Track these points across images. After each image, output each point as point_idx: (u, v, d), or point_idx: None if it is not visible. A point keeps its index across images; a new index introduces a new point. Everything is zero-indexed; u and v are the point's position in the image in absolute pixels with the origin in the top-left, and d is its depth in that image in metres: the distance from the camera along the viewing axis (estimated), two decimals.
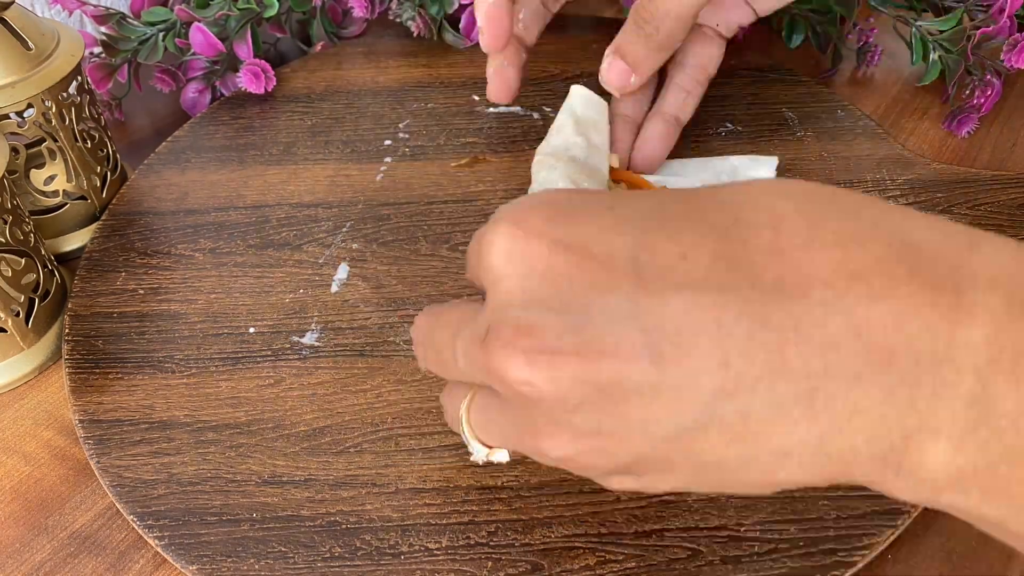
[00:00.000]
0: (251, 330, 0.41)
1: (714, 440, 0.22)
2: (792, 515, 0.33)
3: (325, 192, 0.48)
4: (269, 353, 0.40)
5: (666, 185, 0.45)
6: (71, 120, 0.44)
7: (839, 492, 0.34)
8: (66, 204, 0.47)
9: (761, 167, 0.47)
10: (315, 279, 0.43)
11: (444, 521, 0.34)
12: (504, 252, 0.24)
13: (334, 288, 0.43)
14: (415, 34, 0.59)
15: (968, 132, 0.51)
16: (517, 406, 0.24)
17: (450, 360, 0.27)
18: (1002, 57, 0.51)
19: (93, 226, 0.47)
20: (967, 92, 0.52)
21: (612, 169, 0.45)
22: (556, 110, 0.52)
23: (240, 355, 0.40)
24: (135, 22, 0.54)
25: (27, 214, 0.41)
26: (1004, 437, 0.20)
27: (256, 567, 0.32)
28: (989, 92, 0.51)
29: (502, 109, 0.53)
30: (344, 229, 0.46)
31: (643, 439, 0.23)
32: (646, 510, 0.34)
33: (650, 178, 0.46)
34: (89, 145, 0.46)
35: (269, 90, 0.54)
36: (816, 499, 0.33)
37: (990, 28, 0.50)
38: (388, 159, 0.50)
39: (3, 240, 0.39)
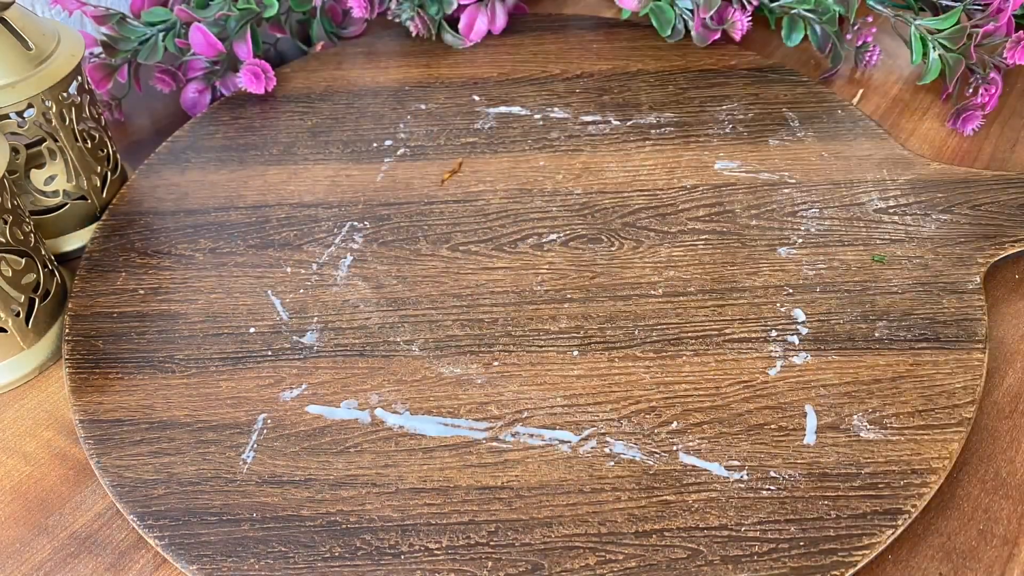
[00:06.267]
0: (251, 330, 0.41)
1: None
2: (792, 515, 0.33)
3: (325, 192, 0.48)
4: (269, 353, 0.40)
5: None
6: (71, 120, 0.44)
7: (839, 492, 0.34)
8: (66, 204, 0.47)
9: None
10: (315, 279, 0.43)
11: (444, 521, 0.34)
12: None
13: (334, 288, 0.43)
14: (414, 34, 0.59)
15: (973, 129, 0.51)
16: None
17: None
18: (1005, 53, 0.51)
19: (93, 226, 0.47)
20: (970, 90, 0.52)
21: None
22: (557, 110, 0.52)
23: (240, 355, 0.40)
24: (135, 22, 0.54)
25: (27, 214, 0.41)
26: None
27: (256, 567, 0.32)
28: (993, 90, 0.51)
29: (502, 109, 0.53)
30: (344, 229, 0.46)
31: None
32: (646, 510, 0.34)
33: None
34: (89, 145, 0.46)
35: (269, 90, 0.54)
36: (816, 499, 0.33)
37: (991, 26, 0.50)
38: (388, 159, 0.50)
39: (3, 240, 0.39)
